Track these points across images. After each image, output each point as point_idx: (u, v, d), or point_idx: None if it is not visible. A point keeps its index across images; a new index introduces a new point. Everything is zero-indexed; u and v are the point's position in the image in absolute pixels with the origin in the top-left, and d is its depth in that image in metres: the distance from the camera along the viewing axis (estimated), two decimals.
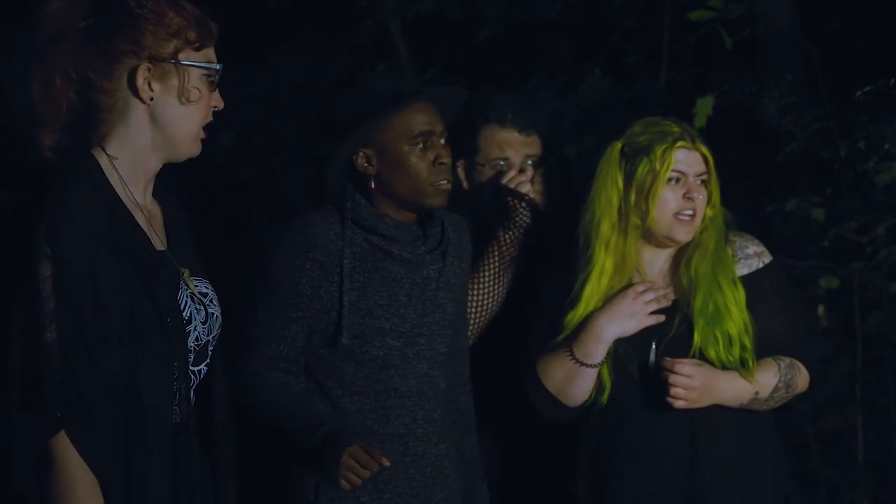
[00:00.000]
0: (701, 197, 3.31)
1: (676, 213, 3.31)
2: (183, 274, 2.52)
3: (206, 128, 2.55)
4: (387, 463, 2.93)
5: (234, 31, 7.13)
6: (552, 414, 3.37)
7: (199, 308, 2.53)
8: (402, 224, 3.20)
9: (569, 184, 4.39)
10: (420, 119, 3.16)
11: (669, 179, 3.30)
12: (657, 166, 3.28)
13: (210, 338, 2.57)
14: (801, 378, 3.39)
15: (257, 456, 3.19)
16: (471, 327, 3.61)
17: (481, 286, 3.60)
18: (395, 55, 6.05)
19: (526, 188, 3.58)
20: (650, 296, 3.32)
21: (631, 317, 3.30)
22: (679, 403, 3.25)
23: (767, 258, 3.44)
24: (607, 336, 3.30)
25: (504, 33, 5.77)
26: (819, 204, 4.60)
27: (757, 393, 3.31)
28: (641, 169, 3.30)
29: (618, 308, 3.30)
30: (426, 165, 3.16)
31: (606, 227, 3.33)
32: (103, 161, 2.46)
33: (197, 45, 2.47)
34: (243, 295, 3.21)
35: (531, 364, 3.37)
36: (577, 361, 3.30)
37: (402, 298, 3.16)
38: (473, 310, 3.60)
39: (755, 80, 4.78)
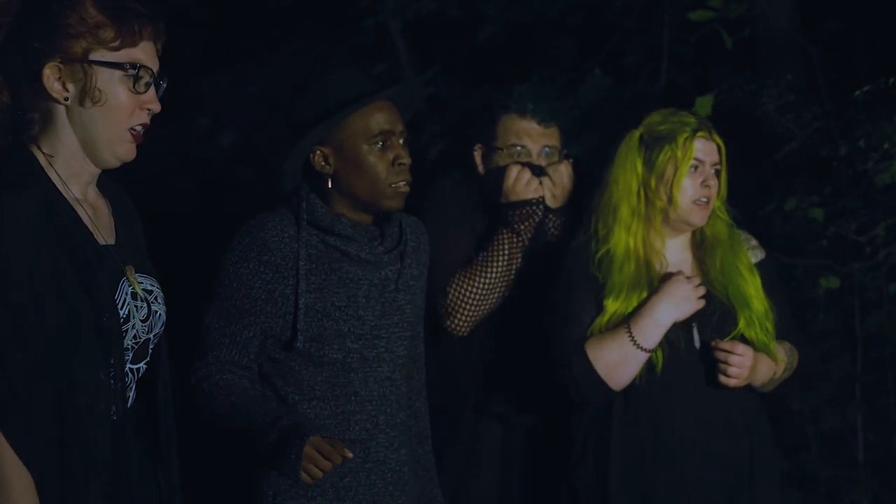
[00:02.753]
0: (714, 184, 3.52)
1: (694, 199, 3.49)
2: (126, 271, 2.48)
3: (147, 131, 2.47)
4: (349, 454, 2.85)
5: (233, 31, 7.16)
6: (593, 396, 3.48)
7: (141, 305, 2.49)
8: (359, 224, 3.15)
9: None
10: (379, 118, 3.11)
11: (690, 167, 3.48)
12: (679, 154, 3.46)
13: (151, 336, 2.53)
14: (796, 360, 3.60)
15: (217, 464, 3.15)
16: (465, 315, 3.61)
17: (486, 277, 3.60)
18: (395, 55, 6.04)
19: (533, 188, 3.62)
20: (696, 281, 3.49)
21: (686, 301, 3.45)
22: (733, 382, 3.45)
23: (763, 252, 3.66)
24: (666, 320, 3.45)
25: (504, 33, 5.76)
26: (818, 203, 4.60)
27: (775, 373, 3.53)
28: (663, 156, 3.48)
29: (675, 292, 3.45)
30: (385, 166, 3.11)
31: (626, 212, 3.50)
32: (41, 159, 2.42)
33: (115, 44, 2.38)
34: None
35: (578, 346, 3.46)
36: (636, 345, 3.43)
37: (360, 300, 3.11)
38: (473, 299, 3.60)
39: (755, 79, 4.78)
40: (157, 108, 2.46)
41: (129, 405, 2.47)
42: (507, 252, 3.63)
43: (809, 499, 4.86)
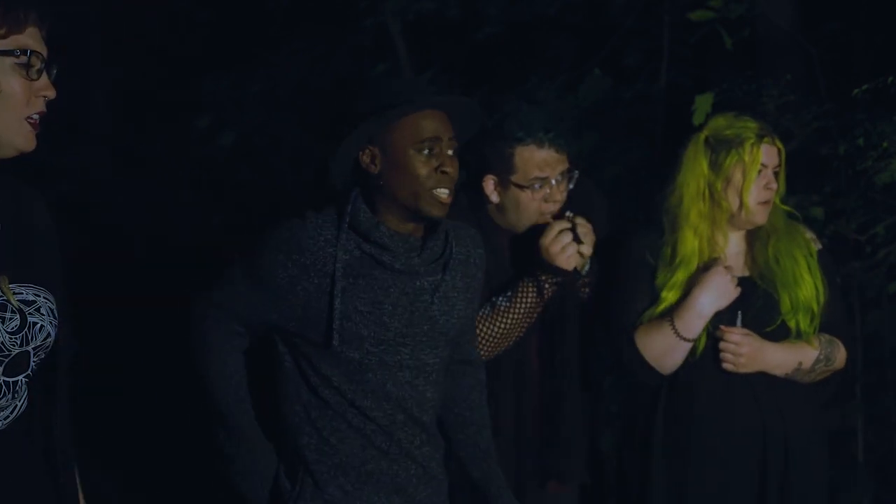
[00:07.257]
0: (775, 186, 3.67)
1: (759, 202, 3.64)
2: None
3: (44, 120, 2.40)
4: None
5: (233, 31, 7.16)
6: (645, 379, 3.67)
7: (11, 317, 2.37)
8: (399, 234, 3.15)
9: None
10: (429, 125, 3.11)
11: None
12: (746, 160, 3.62)
13: (30, 348, 2.42)
14: (840, 354, 3.71)
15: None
16: (483, 355, 3.58)
17: (505, 322, 3.63)
18: (395, 55, 6.05)
19: (567, 257, 3.61)
20: (731, 271, 3.63)
21: (725, 293, 3.61)
22: (727, 367, 3.60)
23: (819, 244, 3.79)
24: (707, 311, 3.61)
25: (504, 33, 5.77)
26: (818, 202, 4.60)
27: (800, 363, 3.63)
28: (729, 160, 3.62)
29: (714, 285, 3.61)
30: (428, 171, 3.10)
31: (694, 214, 3.66)
32: None
33: (1, 32, 2.33)
34: None
35: (628, 333, 3.66)
36: (679, 336, 3.61)
37: (386, 307, 3.12)
38: (491, 342, 3.63)
39: (755, 79, 4.78)
40: (52, 94, 2.39)
41: (16, 414, 2.41)
42: (528, 303, 3.63)
43: None
